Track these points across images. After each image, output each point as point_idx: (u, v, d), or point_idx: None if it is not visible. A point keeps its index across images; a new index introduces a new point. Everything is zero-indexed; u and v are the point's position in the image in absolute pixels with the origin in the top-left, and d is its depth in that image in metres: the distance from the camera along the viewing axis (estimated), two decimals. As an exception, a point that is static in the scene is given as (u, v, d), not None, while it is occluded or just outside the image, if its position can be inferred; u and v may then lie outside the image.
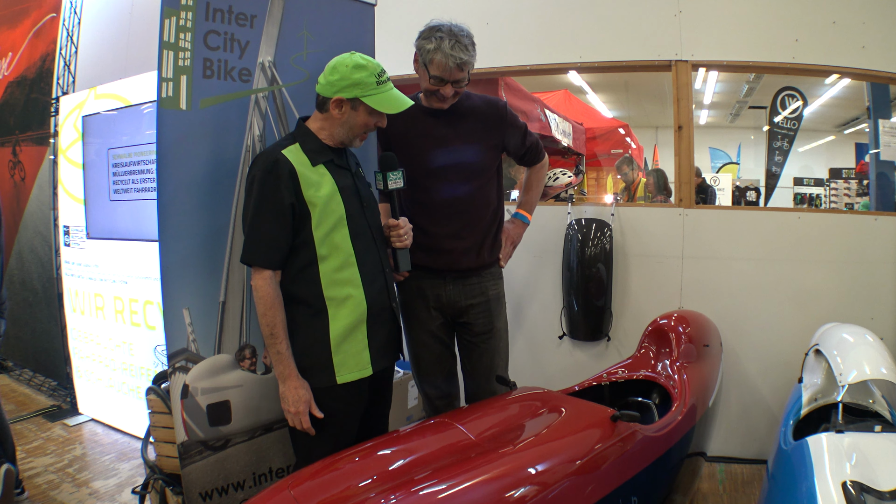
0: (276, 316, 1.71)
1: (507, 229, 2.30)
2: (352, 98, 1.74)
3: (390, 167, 1.93)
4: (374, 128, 1.83)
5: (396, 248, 1.96)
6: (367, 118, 1.78)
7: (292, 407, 1.72)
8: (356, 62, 1.73)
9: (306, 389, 1.74)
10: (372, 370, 1.83)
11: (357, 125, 1.79)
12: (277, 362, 1.73)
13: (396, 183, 1.92)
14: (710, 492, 2.81)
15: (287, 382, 1.73)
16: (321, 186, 1.74)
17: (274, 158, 1.71)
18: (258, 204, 1.70)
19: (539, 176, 2.39)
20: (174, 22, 1.92)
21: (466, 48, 1.96)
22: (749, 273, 3.10)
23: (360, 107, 1.76)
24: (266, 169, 1.70)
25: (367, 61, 1.75)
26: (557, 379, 3.14)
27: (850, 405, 1.89)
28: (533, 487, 1.43)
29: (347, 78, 1.72)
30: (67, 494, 2.77)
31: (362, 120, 1.78)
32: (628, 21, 3.25)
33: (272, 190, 1.69)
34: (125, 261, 3.29)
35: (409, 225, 1.96)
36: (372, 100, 1.74)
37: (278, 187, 1.69)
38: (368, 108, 1.75)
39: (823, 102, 9.74)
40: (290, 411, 1.73)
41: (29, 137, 4.21)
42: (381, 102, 1.75)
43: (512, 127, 2.19)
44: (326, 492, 1.36)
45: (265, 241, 1.70)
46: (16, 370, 4.53)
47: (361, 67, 1.73)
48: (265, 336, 1.73)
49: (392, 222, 1.94)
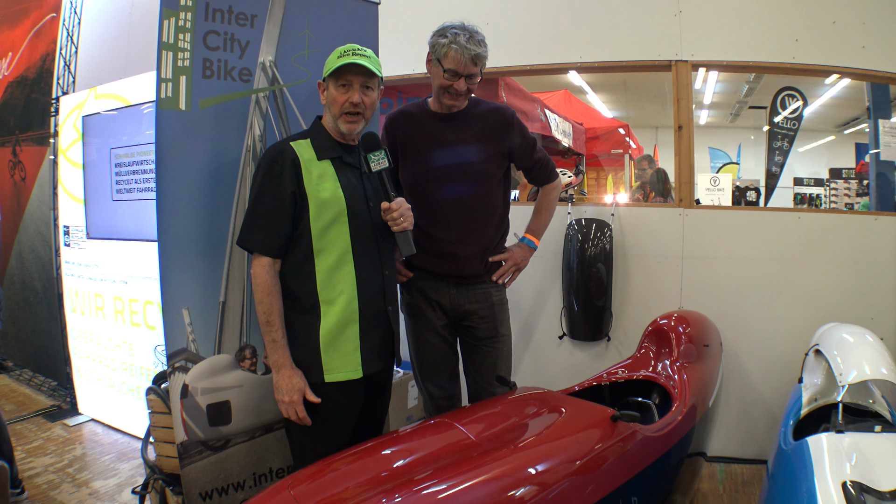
0: (273, 304, 1.71)
1: (514, 253, 2.26)
2: (324, 79, 1.79)
3: (371, 148, 1.82)
4: (349, 104, 1.76)
5: (396, 233, 1.86)
6: (335, 92, 1.77)
7: (286, 396, 1.70)
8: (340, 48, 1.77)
9: (300, 378, 1.72)
10: (362, 373, 1.81)
11: (332, 102, 1.79)
12: (272, 351, 1.72)
13: (380, 164, 1.81)
14: (710, 492, 2.81)
15: (281, 371, 1.72)
16: (323, 179, 1.75)
17: (280, 148, 1.75)
18: (259, 189, 1.73)
19: (550, 199, 2.34)
20: (173, 23, 1.92)
21: (480, 44, 1.99)
22: (749, 273, 3.10)
23: (329, 82, 1.78)
24: (271, 158, 1.74)
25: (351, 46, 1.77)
26: (557, 379, 3.14)
27: (850, 405, 1.89)
28: (533, 487, 1.43)
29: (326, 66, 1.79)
30: (67, 494, 2.77)
31: (333, 95, 1.78)
32: (628, 21, 3.25)
33: (275, 177, 1.71)
34: (125, 261, 3.29)
35: (405, 206, 1.84)
36: (327, 70, 1.77)
37: (281, 174, 1.71)
38: (332, 80, 1.77)
39: (823, 102, 9.74)
40: (284, 401, 1.71)
41: (29, 137, 4.21)
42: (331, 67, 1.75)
43: (519, 136, 2.18)
44: (326, 492, 1.36)
45: (263, 226, 1.71)
46: (16, 370, 4.53)
47: (339, 50, 1.77)
48: (261, 324, 1.73)
49: (384, 205, 1.83)
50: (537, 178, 2.32)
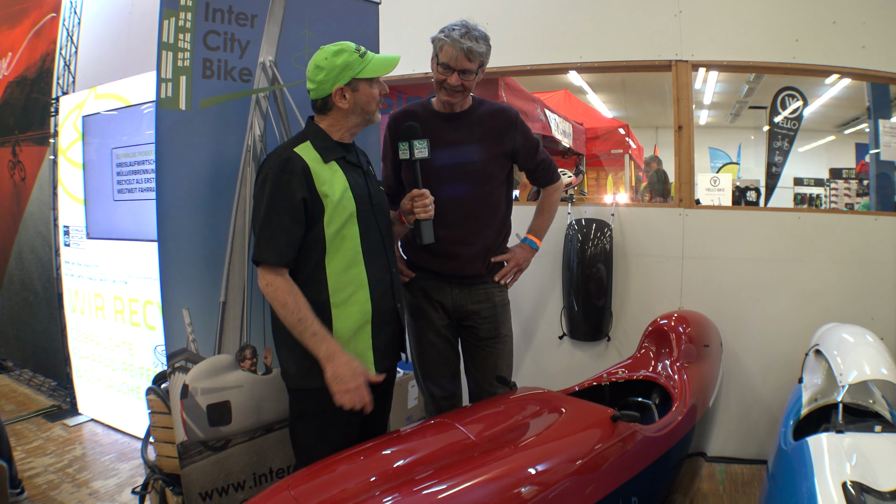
0: (299, 301, 1.67)
1: (515, 253, 2.27)
2: (348, 82, 1.76)
3: (416, 136, 1.96)
4: (382, 96, 1.83)
5: (420, 220, 1.95)
6: (370, 90, 1.79)
7: (351, 382, 1.64)
8: (332, 51, 1.75)
9: (358, 362, 1.69)
10: (376, 371, 1.81)
11: (366, 102, 1.79)
12: (317, 344, 1.66)
13: (422, 152, 1.96)
14: (710, 492, 2.81)
15: (335, 360, 1.66)
16: (334, 182, 1.74)
17: (286, 156, 1.71)
18: (271, 201, 1.67)
19: (552, 200, 2.36)
20: (173, 23, 1.92)
21: (477, 40, 1.98)
22: (749, 273, 3.10)
23: (359, 85, 1.77)
24: (279, 167, 1.69)
25: (340, 45, 1.76)
26: (557, 379, 3.14)
27: (851, 405, 1.89)
28: (533, 487, 1.43)
29: (334, 68, 1.73)
30: (67, 494, 2.77)
31: (366, 95, 1.78)
32: (628, 21, 3.25)
33: (285, 186, 1.68)
34: (125, 261, 3.29)
35: (431, 196, 1.96)
36: (365, 72, 1.76)
37: (291, 183, 1.67)
38: (366, 81, 1.77)
39: (823, 102, 9.73)
40: (350, 388, 1.64)
41: (29, 137, 4.21)
42: (374, 70, 1.77)
43: (522, 137, 2.19)
44: (326, 492, 1.36)
45: (278, 240, 1.67)
46: (16, 370, 4.53)
47: (340, 52, 1.74)
48: (293, 326, 1.66)
49: (416, 192, 1.94)
50: (540, 179, 2.32)
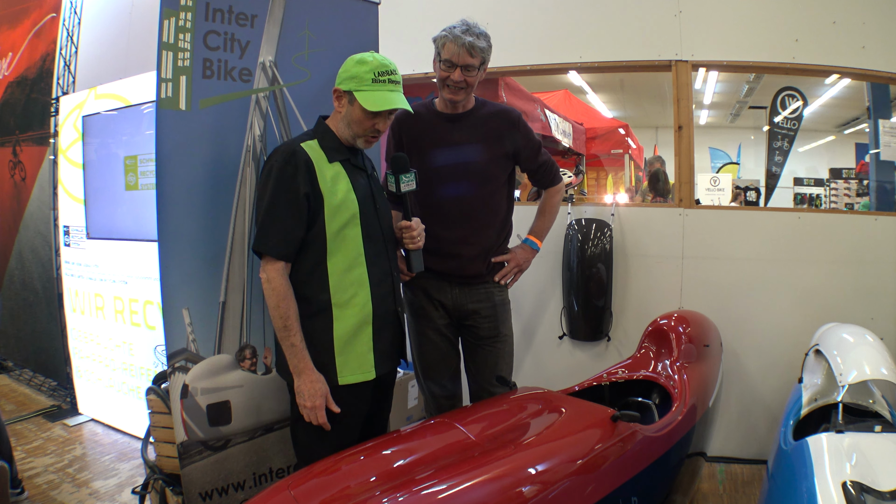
0: (290, 308, 1.68)
1: (516, 254, 2.27)
2: (347, 91, 1.75)
3: (402, 169, 1.90)
4: (375, 130, 1.79)
5: (409, 250, 1.95)
6: (362, 116, 1.74)
7: (308, 401, 1.68)
8: (361, 57, 1.74)
9: (322, 383, 1.71)
10: (375, 374, 1.81)
11: (355, 121, 1.76)
12: (291, 355, 1.69)
13: (409, 185, 1.90)
14: (710, 492, 2.81)
15: (303, 376, 1.69)
16: (337, 181, 1.74)
17: (292, 150, 1.72)
18: (274, 193, 1.68)
19: (553, 202, 2.36)
20: (173, 23, 1.92)
21: (478, 37, 2.00)
22: (749, 273, 3.10)
23: (354, 102, 1.74)
24: (284, 159, 1.70)
25: (374, 58, 1.74)
26: (557, 379, 3.14)
27: (850, 405, 1.89)
28: (533, 487, 1.43)
29: (348, 70, 1.74)
30: (67, 494, 2.77)
31: (358, 116, 1.75)
32: (628, 21, 3.25)
33: (289, 179, 1.68)
34: (125, 261, 3.29)
35: (421, 226, 1.95)
36: (361, 95, 1.72)
37: (295, 177, 1.68)
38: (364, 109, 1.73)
39: (823, 102, 9.72)
40: (307, 405, 1.69)
41: (29, 137, 4.21)
42: (367, 98, 1.72)
43: (524, 138, 2.19)
44: (326, 492, 1.36)
45: (279, 231, 1.68)
46: (16, 370, 4.53)
47: (363, 62, 1.73)
48: (278, 329, 1.70)
49: (405, 224, 1.92)
50: (541, 180, 2.33)
